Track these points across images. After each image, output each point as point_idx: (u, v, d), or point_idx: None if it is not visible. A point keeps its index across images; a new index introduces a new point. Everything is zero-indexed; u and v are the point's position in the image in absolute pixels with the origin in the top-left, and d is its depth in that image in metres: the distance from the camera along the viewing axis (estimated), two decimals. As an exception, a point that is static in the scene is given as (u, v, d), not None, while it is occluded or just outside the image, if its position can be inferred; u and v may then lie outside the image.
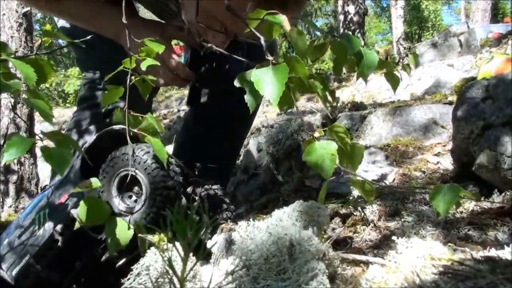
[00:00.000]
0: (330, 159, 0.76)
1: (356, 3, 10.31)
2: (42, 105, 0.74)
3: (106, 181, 0.92)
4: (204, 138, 1.59)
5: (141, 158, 0.88)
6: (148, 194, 0.88)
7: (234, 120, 1.58)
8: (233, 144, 1.72)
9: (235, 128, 1.67)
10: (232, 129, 1.65)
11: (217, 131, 1.58)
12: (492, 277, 0.55)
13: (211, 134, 1.58)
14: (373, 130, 1.88)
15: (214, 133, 1.57)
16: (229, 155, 1.72)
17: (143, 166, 0.88)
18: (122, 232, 0.82)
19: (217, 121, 1.56)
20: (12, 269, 0.95)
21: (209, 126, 1.58)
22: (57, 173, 0.73)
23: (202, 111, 1.58)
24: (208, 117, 1.57)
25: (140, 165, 0.88)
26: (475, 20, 11.46)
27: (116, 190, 0.91)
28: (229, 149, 1.70)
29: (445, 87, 3.24)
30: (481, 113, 1.15)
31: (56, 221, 0.96)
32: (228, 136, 1.64)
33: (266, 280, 0.62)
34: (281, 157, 2.20)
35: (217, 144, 1.59)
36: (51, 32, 0.86)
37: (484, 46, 5.12)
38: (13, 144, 0.70)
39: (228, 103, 1.29)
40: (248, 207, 2.04)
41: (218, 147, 1.59)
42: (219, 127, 1.57)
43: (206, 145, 1.58)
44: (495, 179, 1.08)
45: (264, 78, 0.70)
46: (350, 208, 1.11)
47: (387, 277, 0.60)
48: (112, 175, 0.91)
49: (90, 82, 1.54)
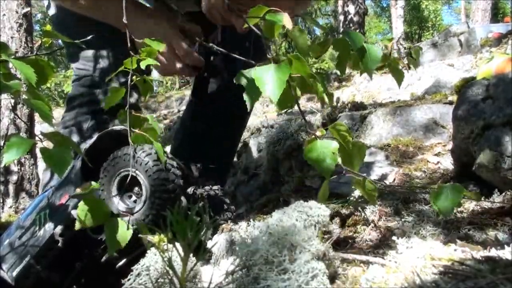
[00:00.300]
0: (330, 157, 0.76)
1: (356, 3, 10.31)
2: (42, 106, 0.74)
3: (107, 180, 0.92)
4: (203, 136, 1.58)
5: (142, 159, 0.88)
6: (148, 195, 0.88)
7: (234, 118, 1.57)
8: (233, 142, 1.72)
9: (235, 126, 1.67)
10: (232, 127, 1.64)
11: (218, 129, 1.57)
12: (493, 277, 0.55)
13: (211, 132, 1.57)
14: (373, 130, 1.88)
15: (214, 131, 1.57)
16: (228, 153, 1.72)
17: (144, 168, 0.88)
18: (121, 233, 0.81)
19: (218, 119, 1.55)
20: (12, 269, 0.95)
21: (210, 124, 1.57)
22: (56, 174, 0.73)
23: (204, 109, 1.57)
24: (209, 114, 1.56)
25: (141, 166, 0.88)
26: (475, 20, 11.46)
27: (116, 189, 0.91)
28: (229, 147, 1.69)
29: (445, 87, 3.24)
30: (481, 113, 1.15)
31: (56, 222, 0.96)
32: (228, 135, 1.63)
33: (266, 280, 0.62)
34: (281, 157, 2.20)
35: (217, 142, 1.58)
36: (51, 32, 0.86)
37: (484, 46, 5.12)
38: (13, 145, 0.70)
39: (230, 99, 1.27)
40: (248, 207, 2.04)
41: (218, 146, 1.58)
42: (220, 125, 1.56)
43: (206, 144, 1.57)
44: (495, 179, 1.08)
45: (265, 76, 0.70)
46: (350, 208, 1.11)
47: (387, 277, 0.60)
48: (113, 174, 0.91)
49: (78, 80, 1.47)
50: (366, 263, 0.73)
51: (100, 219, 0.82)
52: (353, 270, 0.72)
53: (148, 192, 0.87)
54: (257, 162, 2.44)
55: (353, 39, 0.82)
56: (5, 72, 0.73)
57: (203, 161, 1.16)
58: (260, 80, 0.70)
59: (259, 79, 0.70)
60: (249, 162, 2.52)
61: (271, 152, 2.25)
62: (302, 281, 0.61)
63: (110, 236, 0.80)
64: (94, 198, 0.84)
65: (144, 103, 7.54)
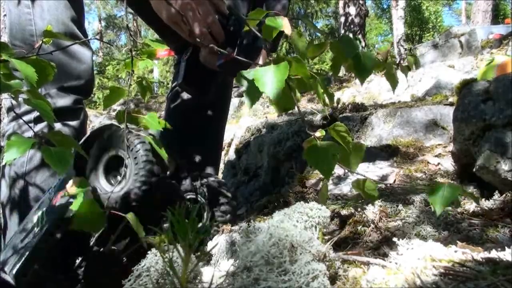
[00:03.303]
0: (331, 159, 0.76)
1: (357, 4, 10.32)
2: (43, 106, 0.74)
3: (95, 157, 0.94)
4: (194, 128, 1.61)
5: (135, 145, 0.89)
6: (129, 182, 0.90)
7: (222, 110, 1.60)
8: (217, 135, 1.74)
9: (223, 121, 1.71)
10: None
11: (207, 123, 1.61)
12: (493, 279, 0.55)
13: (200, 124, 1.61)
14: (374, 131, 1.88)
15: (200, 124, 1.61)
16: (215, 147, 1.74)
17: (133, 155, 0.90)
18: (93, 213, 0.81)
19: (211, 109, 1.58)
20: (13, 269, 0.95)
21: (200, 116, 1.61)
22: (57, 173, 0.73)
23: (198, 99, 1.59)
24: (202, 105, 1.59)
25: (132, 152, 0.90)
26: (476, 21, 11.46)
27: (103, 168, 0.94)
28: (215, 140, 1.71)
29: (446, 88, 3.24)
30: (482, 114, 1.15)
31: (51, 219, 0.96)
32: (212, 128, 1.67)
33: (267, 281, 0.62)
34: (281, 158, 2.20)
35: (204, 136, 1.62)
36: (52, 32, 0.86)
37: (485, 47, 5.12)
38: (13, 144, 0.70)
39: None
40: (248, 208, 2.04)
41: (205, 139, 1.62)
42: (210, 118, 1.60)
43: (194, 137, 1.60)
44: (496, 180, 1.08)
45: (264, 76, 0.71)
46: (350, 209, 1.11)
47: (387, 278, 0.60)
48: (104, 150, 0.93)
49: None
50: (366, 264, 0.73)
51: (95, 223, 0.81)
52: (354, 271, 0.71)
53: (130, 178, 0.89)
54: (257, 163, 2.44)
55: (348, 46, 0.83)
56: (6, 72, 0.73)
57: (192, 154, 1.15)
58: (259, 79, 0.71)
59: (259, 79, 0.71)
60: (250, 163, 2.52)
61: (272, 153, 2.25)
62: (303, 282, 0.61)
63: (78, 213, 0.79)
64: (87, 200, 0.83)
65: (144, 104, 7.55)
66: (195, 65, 1.19)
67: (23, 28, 1.30)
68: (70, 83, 1.33)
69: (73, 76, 1.33)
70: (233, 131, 3.16)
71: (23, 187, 1.29)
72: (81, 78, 1.36)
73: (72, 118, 1.35)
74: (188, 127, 1.60)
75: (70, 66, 1.31)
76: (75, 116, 1.36)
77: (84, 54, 1.36)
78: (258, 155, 2.47)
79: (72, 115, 1.35)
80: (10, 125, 1.36)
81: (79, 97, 1.37)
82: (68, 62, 1.30)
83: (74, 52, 1.32)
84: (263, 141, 2.46)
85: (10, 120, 1.37)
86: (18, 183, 1.30)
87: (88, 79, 1.38)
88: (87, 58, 1.37)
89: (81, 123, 1.38)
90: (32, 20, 1.30)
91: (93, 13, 28.19)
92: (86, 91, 1.40)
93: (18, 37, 1.31)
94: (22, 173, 1.30)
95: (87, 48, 1.38)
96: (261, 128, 2.80)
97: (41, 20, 1.30)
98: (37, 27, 1.29)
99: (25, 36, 1.30)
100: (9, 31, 1.33)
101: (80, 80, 1.36)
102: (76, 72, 1.34)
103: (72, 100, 1.34)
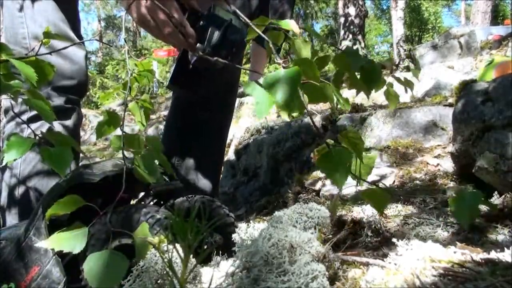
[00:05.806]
0: (344, 168, 0.71)
1: (356, 5, 10.33)
2: (43, 106, 0.74)
3: None
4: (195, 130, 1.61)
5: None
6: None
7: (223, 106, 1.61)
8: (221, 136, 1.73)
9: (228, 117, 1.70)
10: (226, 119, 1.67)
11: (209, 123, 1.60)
12: (492, 279, 0.55)
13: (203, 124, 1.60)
14: (373, 132, 1.88)
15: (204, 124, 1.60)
16: (218, 150, 1.73)
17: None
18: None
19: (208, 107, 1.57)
20: None
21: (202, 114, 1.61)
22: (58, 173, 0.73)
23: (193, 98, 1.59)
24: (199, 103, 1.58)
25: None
26: (475, 22, 11.46)
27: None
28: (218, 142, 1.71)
29: (445, 89, 3.24)
30: (481, 115, 1.15)
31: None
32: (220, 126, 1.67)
33: (266, 281, 0.62)
34: (281, 158, 2.20)
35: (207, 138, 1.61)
36: (51, 33, 0.86)
37: (484, 48, 5.13)
38: (13, 144, 0.70)
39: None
40: (248, 208, 2.04)
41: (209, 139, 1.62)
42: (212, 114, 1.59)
43: (194, 140, 1.61)
44: (495, 181, 1.08)
45: (276, 83, 0.64)
46: (350, 209, 1.11)
47: (387, 279, 0.60)
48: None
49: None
50: (366, 265, 0.73)
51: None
52: (353, 272, 0.71)
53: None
54: (256, 164, 2.45)
55: (355, 59, 0.80)
56: (6, 73, 0.73)
57: (193, 157, 1.14)
58: (272, 88, 0.64)
59: (270, 87, 0.64)
60: (249, 163, 2.52)
61: (271, 153, 2.26)
62: (302, 283, 0.61)
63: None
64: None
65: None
66: (186, 64, 1.20)
67: (16, 31, 1.31)
68: (63, 83, 1.34)
69: (66, 76, 1.34)
70: (232, 131, 3.16)
71: (21, 188, 1.30)
72: (74, 78, 1.36)
73: (65, 118, 1.36)
74: (184, 124, 1.63)
75: (62, 67, 1.32)
76: (67, 116, 1.37)
77: (76, 55, 1.36)
78: (257, 155, 2.47)
79: (65, 114, 1.36)
80: (8, 125, 1.37)
81: (72, 97, 1.38)
82: (60, 62, 1.31)
83: (67, 53, 1.32)
84: (262, 142, 2.46)
85: (8, 120, 1.38)
86: (16, 183, 1.30)
87: (81, 79, 1.38)
88: (80, 59, 1.38)
89: (74, 123, 1.39)
90: (24, 23, 1.31)
91: (93, 13, 28.19)
92: (79, 91, 1.40)
93: (11, 40, 1.32)
94: (18, 173, 1.30)
95: (79, 48, 1.38)
96: (260, 129, 2.80)
97: (32, 22, 1.31)
98: (29, 29, 1.31)
99: (18, 39, 1.31)
100: (4, 34, 1.34)
101: (73, 80, 1.36)
102: (68, 72, 1.34)
103: (64, 99, 1.35)
